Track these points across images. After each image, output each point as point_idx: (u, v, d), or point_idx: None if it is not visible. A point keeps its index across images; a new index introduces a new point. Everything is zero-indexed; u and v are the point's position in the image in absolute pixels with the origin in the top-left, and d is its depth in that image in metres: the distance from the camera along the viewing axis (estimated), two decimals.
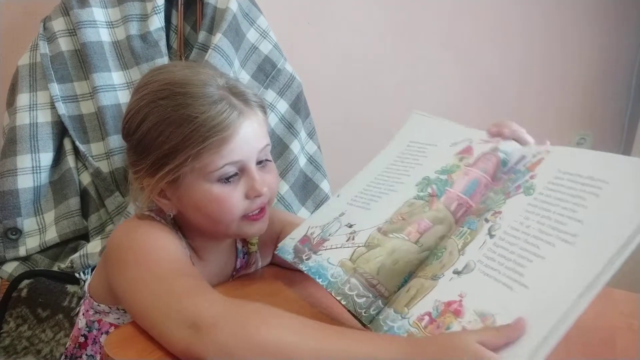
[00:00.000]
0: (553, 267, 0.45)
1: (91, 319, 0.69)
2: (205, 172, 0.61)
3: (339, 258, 0.59)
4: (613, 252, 0.43)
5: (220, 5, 1.17)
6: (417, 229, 0.58)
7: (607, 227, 0.45)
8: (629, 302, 0.73)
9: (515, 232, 0.50)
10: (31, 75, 1.09)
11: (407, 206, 0.61)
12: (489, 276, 0.48)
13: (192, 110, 0.60)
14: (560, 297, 0.42)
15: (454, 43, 1.65)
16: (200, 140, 0.59)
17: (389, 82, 1.66)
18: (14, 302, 0.98)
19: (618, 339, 0.61)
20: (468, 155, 0.64)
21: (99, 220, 1.11)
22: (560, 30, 1.66)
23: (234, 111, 0.61)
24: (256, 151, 0.64)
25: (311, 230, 0.67)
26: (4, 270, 1.06)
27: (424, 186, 0.63)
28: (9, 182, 1.05)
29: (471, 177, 0.61)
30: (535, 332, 0.41)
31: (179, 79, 0.63)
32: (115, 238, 0.64)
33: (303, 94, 1.31)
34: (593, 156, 0.54)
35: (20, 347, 0.97)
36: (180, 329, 0.50)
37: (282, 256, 0.67)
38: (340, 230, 0.64)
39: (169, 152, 0.60)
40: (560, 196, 0.51)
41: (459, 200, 0.59)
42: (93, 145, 1.11)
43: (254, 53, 1.24)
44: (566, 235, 0.46)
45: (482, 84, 1.69)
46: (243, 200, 0.63)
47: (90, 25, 1.10)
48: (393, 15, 1.61)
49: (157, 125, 0.61)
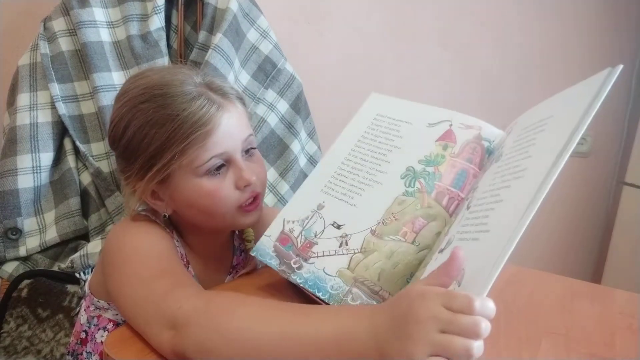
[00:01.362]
0: (507, 203, 0.46)
1: (91, 314, 0.70)
2: (193, 167, 0.62)
3: (337, 267, 0.57)
4: (551, 163, 0.43)
5: (220, 5, 1.17)
6: (412, 228, 0.57)
7: (547, 148, 0.46)
8: (629, 302, 0.73)
9: (483, 194, 0.51)
10: (31, 75, 1.09)
11: (398, 204, 0.59)
12: (462, 240, 0.48)
13: (173, 109, 0.62)
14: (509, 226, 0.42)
15: (454, 43, 1.65)
16: (184, 137, 0.61)
17: (389, 82, 1.66)
18: (14, 302, 0.98)
19: (618, 339, 0.62)
20: (451, 142, 0.62)
21: (99, 220, 1.11)
22: (559, 30, 1.66)
23: (213, 105, 0.63)
24: (240, 141, 0.65)
25: (289, 225, 0.64)
26: (4, 270, 1.06)
27: (411, 180, 0.61)
28: (9, 182, 1.05)
29: (458, 169, 0.60)
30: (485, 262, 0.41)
31: (156, 82, 0.64)
32: (108, 240, 0.66)
33: (303, 94, 1.31)
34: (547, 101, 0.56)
35: (21, 347, 0.97)
36: (163, 332, 0.51)
37: (263, 260, 0.63)
38: (327, 231, 0.61)
39: (155, 152, 0.62)
40: (519, 147, 0.52)
41: (449, 194, 0.59)
42: (93, 145, 1.11)
43: (254, 53, 1.24)
44: (519, 172, 0.47)
45: (482, 83, 1.69)
46: (234, 191, 0.65)
47: (91, 25, 1.10)
48: (393, 15, 1.61)
49: (141, 129, 0.62)
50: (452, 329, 0.38)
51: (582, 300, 0.73)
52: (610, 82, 0.45)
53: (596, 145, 1.75)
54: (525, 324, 0.64)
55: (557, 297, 0.74)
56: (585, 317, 0.68)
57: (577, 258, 1.84)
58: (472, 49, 1.66)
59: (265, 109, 1.24)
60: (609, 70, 0.46)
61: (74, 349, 0.73)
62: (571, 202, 1.79)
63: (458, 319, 0.38)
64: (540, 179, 0.43)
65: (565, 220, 1.80)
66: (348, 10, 1.58)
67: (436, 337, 0.38)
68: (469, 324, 0.37)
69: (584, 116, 0.44)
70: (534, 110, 0.58)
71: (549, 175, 0.42)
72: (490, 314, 0.38)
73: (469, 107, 1.68)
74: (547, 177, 0.42)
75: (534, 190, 0.42)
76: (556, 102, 0.53)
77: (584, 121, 0.44)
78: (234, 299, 0.52)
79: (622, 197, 1.65)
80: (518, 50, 1.67)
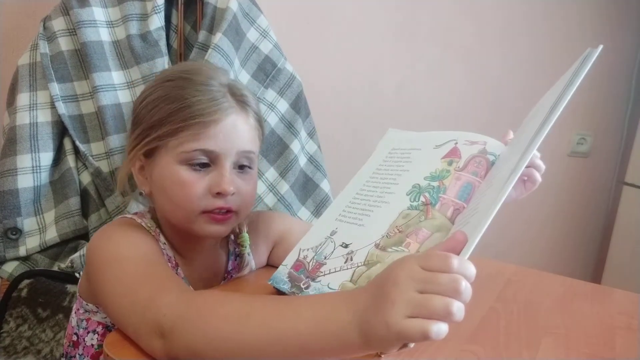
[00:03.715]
0: (494, 181, 0.47)
1: (81, 317, 0.70)
2: (177, 152, 0.63)
3: (340, 281, 0.57)
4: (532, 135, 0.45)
5: (220, 4, 1.17)
6: (415, 239, 0.56)
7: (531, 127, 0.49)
8: (629, 302, 0.73)
9: (483, 190, 0.53)
10: (31, 75, 1.09)
11: (402, 217, 0.59)
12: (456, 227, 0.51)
13: (187, 92, 0.64)
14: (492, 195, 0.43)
15: (454, 43, 1.65)
16: (182, 119, 0.62)
17: (389, 82, 1.66)
18: (14, 302, 0.98)
19: (618, 339, 0.62)
20: (456, 157, 0.62)
21: (99, 220, 1.11)
22: (559, 31, 1.66)
23: (224, 103, 0.64)
24: (235, 150, 0.65)
25: (303, 253, 0.65)
26: (4, 270, 1.06)
27: (416, 195, 0.61)
28: (9, 181, 1.05)
29: (464, 182, 0.60)
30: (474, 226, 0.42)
31: (189, 68, 0.68)
32: (90, 245, 0.65)
33: (303, 94, 1.31)
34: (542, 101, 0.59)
35: (21, 347, 0.97)
36: (152, 340, 0.50)
37: (278, 287, 0.65)
38: (336, 251, 0.61)
39: (154, 123, 0.64)
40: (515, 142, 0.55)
41: (454, 206, 0.58)
42: (93, 144, 1.11)
43: (254, 52, 1.23)
44: (509, 155, 0.50)
45: (482, 84, 1.69)
46: (205, 194, 0.64)
47: (90, 24, 1.10)
48: (393, 15, 1.61)
49: (155, 101, 0.66)
50: (431, 288, 0.37)
51: (582, 300, 0.74)
52: (589, 61, 0.47)
53: (596, 145, 1.75)
54: (525, 324, 0.64)
55: (557, 297, 0.74)
56: (585, 317, 0.68)
57: (577, 258, 1.84)
58: (473, 49, 1.66)
59: (265, 109, 1.24)
60: (588, 51, 0.48)
61: (67, 352, 0.72)
62: (571, 202, 1.79)
63: (436, 277, 0.37)
64: (520, 153, 0.44)
65: (565, 220, 1.80)
66: (348, 10, 1.58)
67: (415, 296, 0.37)
68: (448, 281, 0.37)
69: (563, 92, 0.45)
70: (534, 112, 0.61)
71: (529, 147, 0.44)
72: (470, 274, 0.38)
73: (470, 107, 1.68)
74: (527, 149, 0.43)
75: (514, 164, 0.44)
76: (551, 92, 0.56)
77: (564, 97, 0.45)
78: (215, 299, 0.51)
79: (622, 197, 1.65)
80: (518, 51, 1.67)
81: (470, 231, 0.41)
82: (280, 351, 0.44)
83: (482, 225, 0.40)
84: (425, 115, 1.66)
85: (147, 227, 0.68)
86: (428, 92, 1.68)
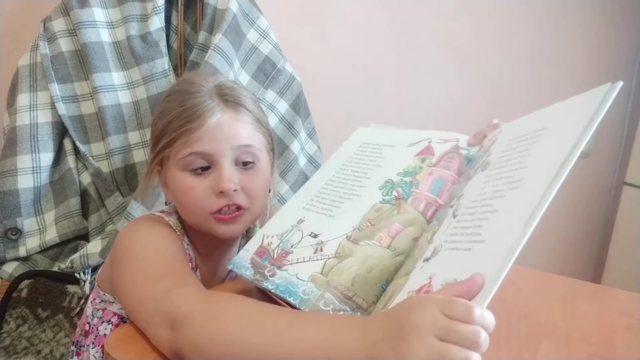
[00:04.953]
0: (504, 214, 0.44)
1: (97, 307, 0.71)
2: (177, 160, 0.66)
3: (310, 272, 0.56)
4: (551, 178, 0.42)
5: (220, 5, 1.17)
6: (387, 233, 0.56)
7: (545, 161, 0.45)
8: (629, 302, 0.73)
9: (474, 204, 0.50)
10: (31, 76, 1.09)
11: (375, 211, 0.59)
12: (453, 250, 0.47)
13: (177, 103, 0.67)
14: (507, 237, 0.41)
15: (454, 43, 1.65)
16: (173, 129, 0.66)
17: (389, 82, 1.66)
18: (14, 302, 0.98)
19: (618, 339, 0.62)
20: (429, 155, 0.62)
21: (99, 221, 1.11)
22: (559, 31, 1.66)
23: (208, 106, 0.66)
24: (228, 147, 0.65)
25: (267, 240, 0.64)
26: (4, 271, 1.06)
27: (389, 189, 0.60)
28: (9, 182, 1.05)
29: (436, 176, 0.59)
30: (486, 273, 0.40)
31: (184, 79, 0.72)
32: (120, 236, 0.67)
33: (303, 94, 1.31)
34: (537, 113, 0.55)
35: (21, 347, 0.97)
36: (162, 330, 0.51)
37: (239, 272, 0.63)
38: (304, 240, 0.60)
39: (156, 139, 0.69)
40: (510, 157, 0.51)
41: (427, 200, 0.58)
42: (93, 145, 1.11)
43: (254, 53, 1.24)
44: (514, 183, 0.46)
45: (483, 84, 1.69)
46: (209, 195, 0.65)
47: (91, 25, 1.10)
48: (393, 15, 1.61)
49: (156, 118, 0.71)
50: (451, 337, 0.37)
51: (582, 300, 0.74)
52: (610, 97, 0.45)
53: (596, 145, 1.75)
54: (525, 324, 0.64)
55: (557, 297, 0.75)
56: (585, 317, 0.68)
57: (577, 258, 1.84)
58: (474, 49, 1.66)
59: (265, 109, 1.24)
60: (609, 86, 0.46)
61: (78, 340, 0.74)
62: (571, 202, 1.79)
63: (457, 326, 0.37)
64: (541, 190, 0.42)
65: (565, 220, 1.80)
66: (348, 10, 1.58)
67: (434, 343, 0.37)
68: (469, 332, 0.36)
69: (585, 130, 0.44)
70: (524, 120, 0.57)
71: (550, 186, 0.42)
72: (490, 325, 0.37)
73: (470, 107, 1.68)
74: (548, 189, 0.42)
75: (534, 202, 0.41)
76: (550, 114, 0.53)
77: (585, 134, 0.44)
78: (227, 300, 0.51)
79: (622, 197, 1.65)
80: (519, 51, 1.67)
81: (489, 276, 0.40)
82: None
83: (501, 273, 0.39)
84: (426, 116, 1.66)
85: (174, 226, 0.69)
86: (428, 92, 1.68)
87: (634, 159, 1.60)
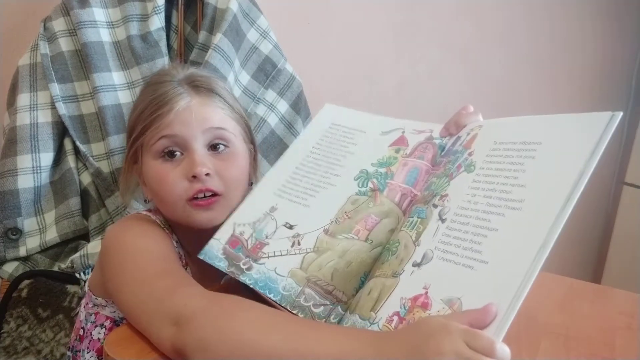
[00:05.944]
0: (507, 236, 0.45)
1: (89, 311, 0.70)
2: (148, 147, 0.66)
3: (288, 268, 0.56)
4: (559, 208, 0.43)
5: (220, 5, 1.17)
6: (364, 226, 0.57)
7: (548, 186, 0.46)
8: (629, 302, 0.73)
9: (465, 212, 0.50)
10: (31, 76, 1.09)
11: (351, 203, 0.60)
12: (448, 261, 0.47)
13: (147, 95, 0.69)
14: (517, 264, 0.42)
15: (454, 43, 1.65)
16: (144, 118, 0.67)
17: (389, 82, 1.66)
18: (14, 302, 0.98)
19: (618, 339, 0.62)
20: (403, 146, 0.63)
21: (100, 220, 1.11)
22: (559, 31, 1.66)
23: (177, 92, 0.67)
24: (198, 130, 0.65)
25: (239, 229, 0.63)
26: (4, 270, 1.06)
27: (364, 180, 0.61)
28: (9, 182, 1.05)
29: (410, 167, 0.60)
30: (499, 304, 0.41)
31: (154, 73, 0.77)
32: (107, 238, 0.66)
33: (303, 94, 1.31)
34: (522, 122, 0.55)
35: (21, 347, 0.97)
36: (164, 328, 0.51)
37: (211, 262, 0.63)
38: (279, 231, 0.60)
39: (130, 131, 0.70)
40: (501, 166, 0.51)
41: (402, 191, 0.59)
42: (93, 145, 1.11)
43: (255, 53, 1.24)
44: (513, 202, 0.47)
45: (483, 84, 1.69)
46: (182, 180, 0.65)
47: (91, 25, 1.10)
48: (393, 15, 1.61)
49: (131, 112, 0.73)
50: None
51: (582, 300, 0.74)
52: (612, 128, 0.46)
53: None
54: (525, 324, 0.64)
55: (557, 297, 0.74)
56: (585, 317, 0.68)
57: (577, 258, 1.84)
58: (473, 49, 1.66)
59: (265, 109, 1.24)
60: (609, 116, 0.47)
61: (73, 345, 0.73)
62: None
63: (481, 359, 0.38)
64: (549, 219, 0.43)
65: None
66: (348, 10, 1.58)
67: None
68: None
69: (589, 161, 0.45)
70: (511, 125, 0.57)
71: (559, 217, 0.43)
72: (507, 359, 0.39)
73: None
74: (557, 220, 0.43)
75: (543, 231, 0.42)
76: (542, 128, 0.52)
77: (589, 166, 0.45)
78: (240, 303, 0.51)
79: (622, 197, 1.65)
80: (519, 51, 1.67)
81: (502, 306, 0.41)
82: None
83: (515, 306, 0.41)
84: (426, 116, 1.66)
85: (162, 225, 0.68)
86: (428, 92, 1.68)
87: (634, 159, 1.60)
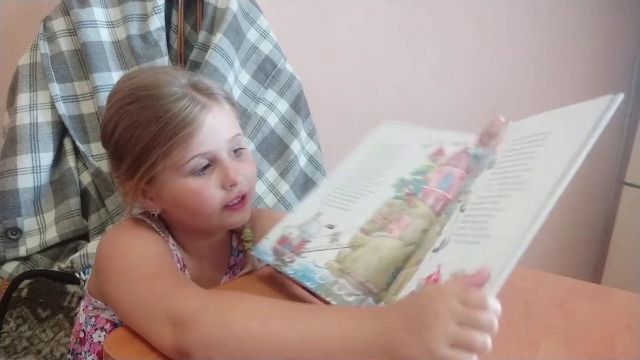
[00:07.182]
0: (509, 212, 0.48)
1: (89, 314, 0.70)
2: (177, 167, 0.63)
3: (325, 260, 0.60)
4: (555, 181, 0.46)
5: (220, 5, 1.17)
6: (398, 225, 0.60)
7: (550, 166, 0.48)
8: (629, 302, 0.73)
9: (480, 200, 0.53)
10: (31, 75, 1.09)
11: (387, 206, 0.63)
12: (460, 242, 0.50)
13: (157, 110, 0.62)
14: (513, 234, 0.45)
15: (454, 43, 1.65)
16: (167, 138, 0.62)
17: (389, 82, 1.66)
18: (14, 302, 0.98)
19: (618, 339, 0.62)
20: (440, 156, 0.67)
21: (99, 220, 1.11)
22: (560, 31, 1.66)
23: (197, 105, 0.64)
24: (225, 141, 0.65)
25: (288, 230, 0.68)
26: (4, 270, 1.06)
27: (401, 187, 0.65)
28: (9, 182, 1.05)
29: (445, 173, 0.64)
30: (493, 266, 0.43)
31: (143, 83, 0.65)
32: (102, 244, 0.65)
33: (303, 94, 1.31)
34: (540, 117, 0.58)
35: (21, 347, 0.97)
36: (165, 329, 0.51)
37: (261, 258, 0.68)
38: (321, 231, 0.65)
39: (140, 153, 0.63)
40: (516, 158, 0.54)
41: (435, 195, 0.62)
42: (93, 145, 1.11)
43: (255, 53, 1.24)
44: (520, 184, 0.49)
45: (483, 83, 1.69)
46: (219, 191, 0.65)
47: (91, 25, 1.10)
48: (393, 15, 1.61)
49: (127, 130, 0.63)
50: (470, 323, 0.40)
51: (582, 300, 0.74)
52: (612, 108, 0.48)
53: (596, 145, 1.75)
54: (525, 324, 0.64)
55: (557, 297, 0.74)
56: (585, 317, 0.68)
57: (577, 258, 1.84)
58: (473, 49, 1.66)
59: (265, 109, 1.24)
60: (610, 97, 0.49)
61: (74, 348, 0.73)
62: (571, 202, 1.78)
63: (476, 313, 0.40)
64: (545, 193, 0.45)
65: (565, 220, 1.80)
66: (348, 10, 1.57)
67: (455, 329, 0.40)
68: (486, 319, 0.40)
69: (588, 138, 0.47)
70: (530, 121, 0.60)
71: (554, 189, 0.45)
72: (499, 313, 0.41)
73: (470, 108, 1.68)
74: (552, 192, 0.45)
75: (538, 203, 0.45)
76: (555, 119, 0.55)
77: (588, 142, 0.47)
78: (240, 296, 0.52)
79: (622, 197, 1.65)
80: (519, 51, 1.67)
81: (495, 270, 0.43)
82: (303, 355, 0.45)
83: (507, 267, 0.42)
84: (426, 116, 1.66)
85: (157, 229, 0.68)
86: (428, 92, 1.67)
87: (634, 159, 1.60)
